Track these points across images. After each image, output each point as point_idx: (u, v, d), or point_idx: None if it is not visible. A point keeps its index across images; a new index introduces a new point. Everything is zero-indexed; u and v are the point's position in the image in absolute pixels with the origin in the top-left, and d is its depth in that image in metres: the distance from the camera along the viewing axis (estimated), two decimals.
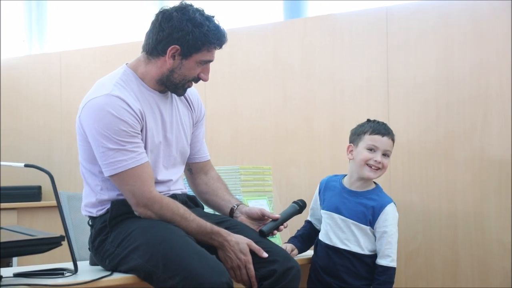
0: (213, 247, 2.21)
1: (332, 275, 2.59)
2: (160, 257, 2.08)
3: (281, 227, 2.42)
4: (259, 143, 3.78)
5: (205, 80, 2.30)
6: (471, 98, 3.21)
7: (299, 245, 2.67)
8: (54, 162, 4.49)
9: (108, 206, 2.25)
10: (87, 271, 2.21)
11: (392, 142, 2.63)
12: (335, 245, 2.59)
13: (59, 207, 2.09)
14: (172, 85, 2.29)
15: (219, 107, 3.90)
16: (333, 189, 2.68)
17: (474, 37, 3.22)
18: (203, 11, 2.26)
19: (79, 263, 2.13)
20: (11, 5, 4.91)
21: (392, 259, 2.57)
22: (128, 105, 2.19)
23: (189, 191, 2.52)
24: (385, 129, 2.64)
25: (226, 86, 3.90)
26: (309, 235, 2.73)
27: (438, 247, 3.25)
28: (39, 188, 4.46)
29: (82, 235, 2.65)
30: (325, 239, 2.62)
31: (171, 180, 2.35)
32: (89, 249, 2.33)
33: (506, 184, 3.12)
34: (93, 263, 2.32)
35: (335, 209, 2.62)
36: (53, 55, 4.62)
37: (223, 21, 2.31)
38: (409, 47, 3.37)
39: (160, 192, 2.25)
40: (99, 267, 2.28)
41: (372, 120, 2.71)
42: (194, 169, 2.52)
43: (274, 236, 2.47)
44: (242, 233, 2.25)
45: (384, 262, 2.57)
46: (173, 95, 2.36)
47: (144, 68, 2.29)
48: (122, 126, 2.16)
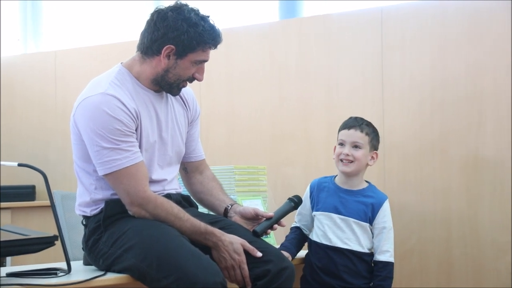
0: (207, 247, 2.21)
1: (332, 275, 2.58)
2: (154, 257, 2.07)
3: (275, 226, 2.41)
4: (255, 143, 3.78)
5: (199, 80, 2.30)
6: (466, 98, 3.21)
7: (294, 250, 2.64)
8: (49, 161, 4.48)
9: (102, 205, 2.25)
10: (80, 271, 2.20)
11: (362, 133, 2.62)
12: (335, 245, 2.59)
13: (52, 206, 2.08)
14: (166, 85, 2.29)
15: (215, 107, 3.90)
16: (326, 190, 2.67)
17: (469, 37, 3.22)
18: (198, 11, 2.26)
19: (72, 263, 2.13)
20: (6, 4, 4.89)
21: (391, 254, 2.60)
22: (123, 104, 2.19)
23: (183, 190, 2.52)
24: (353, 122, 2.66)
25: (221, 85, 3.90)
26: (299, 240, 2.70)
27: (433, 247, 3.26)
28: (33, 187, 4.45)
29: (76, 235, 2.64)
30: (323, 240, 2.61)
31: (165, 180, 2.35)
32: (82, 248, 2.32)
33: (501, 184, 3.12)
34: (86, 263, 2.32)
35: (333, 209, 2.61)
36: (48, 54, 4.61)
37: (218, 21, 2.31)
38: (404, 47, 3.37)
39: (155, 192, 2.25)
40: (93, 267, 2.27)
41: (350, 117, 2.73)
42: (189, 169, 2.52)
43: (268, 235, 2.46)
44: (236, 233, 2.25)
45: (383, 257, 2.59)
46: (168, 94, 2.36)
47: (139, 68, 2.28)
48: (116, 125, 2.16)
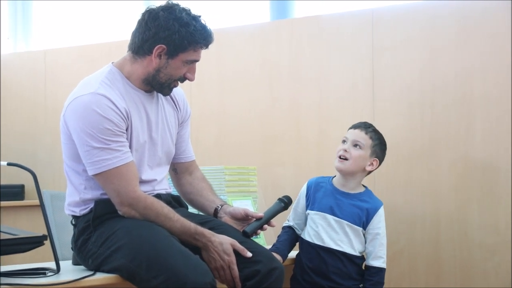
0: (197, 247, 2.21)
1: (323, 276, 2.59)
2: (143, 257, 2.07)
3: (265, 226, 2.41)
4: (245, 143, 3.78)
5: (191, 80, 2.30)
6: (456, 101, 3.23)
7: (285, 252, 2.63)
8: (38, 160, 4.46)
9: (92, 205, 2.24)
10: (69, 270, 2.19)
11: (367, 135, 2.63)
12: (328, 246, 2.59)
13: (42, 206, 2.07)
14: (158, 85, 2.28)
15: (206, 107, 3.89)
16: (323, 190, 2.67)
17: (459, 40, 3.24)
18: (189, 10, 2.25)
19: (61, 262, 2.12)
20: None
21: (384, 260, 2.62)
22: (114, 103, 2.18)
23: (173, 191, 2.51)
24: (362, 124, 2.68)
25: (212, 86, 3.89)
26: (291, 242, 2.69)
27: (422, 249, 3.27)
28: (22, 187, 4.43)
29: (65, 235, 2.63)
30: (316, 240, 2.61)
31: (155, 180, 2.34)
32: (72, 248, 2.31)
33: (489, 187, 3.14)
34: (75, 263, 2.31)
35: (328, 210, 2.61)
36: (38, 53, 4.60)
37: (210, 21, 2.30)
38: (395, 49, 3.39)
39: (145, 192, 2.24)
40: (82, 267, 2.26)
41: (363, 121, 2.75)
42: (179, 169, 2.51)
43: (258, 236, 2.46)
44: (226, 234, 2.25)
45: (377, 263, 2.60)
46: (159, 94, 2.35)
47: (130, 67, 2.28)
48: (107, 124, 2.15)
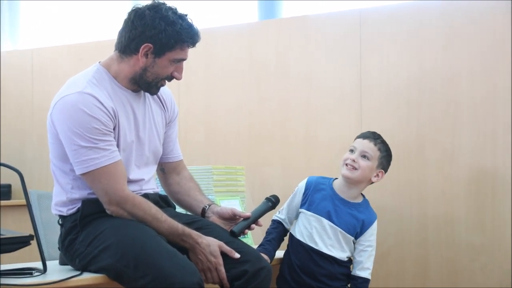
0: (184, 248, 2.20)
1: (311, 276, 2.59)
2: (131, 256, 2.06)
3: (253, 225, 2.41)
4: (233, 143, 3.78)
5: (178, 78, 2.29)
6: (443, 102, 3.25)
7: (272, 253, 2.62)
8: (25, 160, 4.44)
9: (79, 205, 2.23)
10: (56, 270, 2.18)
11: (375, 146, 2.62)
12: (320, 250, 2.59)
13: (28, 206, 2.06)
14: (145, 84, 2.28)
15: (193, 107, 3.89)
16: (323, 192, 2.65)
17: (446, 41, 3.25)
18: (176, 9, 2.25)
19: (48, 262, 2.11)
20: None
21: (370, 272, 2.64)
22: (101, 103, 2.17)
23: (161, 190, 2.51)
24: (371, 134, 2.67)
25: (200, 85, 3.89)
26: (279, 240, 2.69)
27: (409, 249, 3.28)
28: (9, 186, 4.41)
29: (52, 234, 2.62)
30: (309, 241, 2.60)
31: (143, 180, 2.34)
32: (58, 248, 2.30)
33: (476, 187, 3.16)
34: (62, 263, 2.30)
35: (325, 214, 2.61)
36: (25, 52, 4.57)
37: (197, 21, 2.30)
38: (382, 49, 3.40)
39: (132, 192, 2.24)
40: (69, 267, 2.25)
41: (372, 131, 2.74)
42: (166, 169, 2.51)
43: (245, 235, 2.46)
44: (213, 233, 2.25)
45: (364, 274, 2.62)
46: (146, 94, 2.35)
47: (117, 67, 2.27)
48: (94, 124, 2.15)
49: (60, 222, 2.30)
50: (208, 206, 2.44)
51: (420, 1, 3.34)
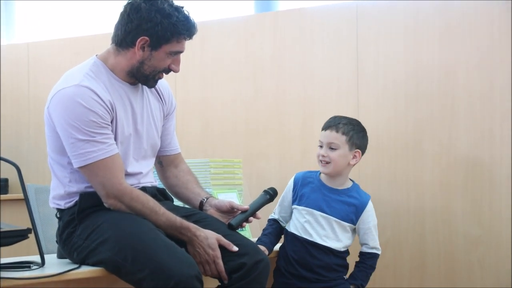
0: (182, 240, 2.20)
1: (307, 268, 2.59)
2: (129, 250, 2.07)
3: (251, 218, 2.42)
4: (229, 136, 3.78)
5: (175, 71, 2.29)
6: (439, 94, 3.25)
7: (270, 246, 2.63)
8: (22, 154, 4.43)
9: (77, 198, 2.23)
10: (54, 264, 2.19)
11: (338, 133, 2.58)
12: (315, 241, 2.59)
13: (26, 199, 2.06)
14: (142, 77, 2.27)
15: (190, 100, 3.89)
16: (311, 185, 2.66)
17: (443, 33, 3.25)
18: (172, 2, 2.24)
19: (46, 256, 2.11)
20: None
21: (378, 249, 2.68)
22: (98, 96, 2.17)
23: (159, 184, 2.51)
24: (329, 123, 2.63)
25: (197, 79, 3.89)
26: (276, 235, 2.70)
27: (406, 241, 3.29)
28: (6, 180, 4.41)
29: (49, 228, 2.62)
30: (304, 234, 2.61)
31: (141, 173, 2.34)
32: (56, 241, 2.30)
33: (473, 178, 3.16)
34: (60, 256, 2.30)
35: (316, 206, 2.61)
36: (20, 45, 4.56)
37: (194, 13, 2.29)
38: (379, 41, 3.39)
39: (130, 185, 2.24)
40: (67, 260, 2.25)
41: (332, 116, 2.71)
42: (164, 162, 2.51)
43: (243, 228, 2.47)
44: (211, 226, 2.25)
45: (372, 251, 2.67)
46: (144, 87, 2.34)
47: (114, 60, 2.27)
48: (92, 117, 2.14)
49: (58, 216, 2.30)
50: (206, 199, 2.44)
51: None
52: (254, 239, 2.63)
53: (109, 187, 2.17)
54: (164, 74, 2.30)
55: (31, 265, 2.03)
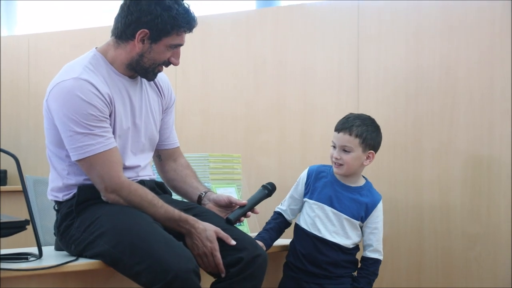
0: (180, 234, 2.20)
1: (315, 264, 2.59)
2: (127, 243, 2.06)
3: (249, 213, 2.41)
4: (229, 131, 3.78)
5: (175, 64, 2.28)
6: (439, 90, 3.25)
7: (269, 242, 2.61)
8: (21, 145, 4.43)
9: (75, 191, 2.23)
10: (52, 256, 2.18)
11: (351, 136, 2.55)
12: (324, 237, 2.58)
13: (24, 191, 2.06)
14: (142, 70, 2.27)
15: (190, 95, 3.88)
16: (324, 180, 2.64)
17: (444, 30, 3.25)
18: None
19: (44, 248, 2.11)
20: None
21: (381, 253, 2.64)
22: (97, 89, 2.17)
23: (157, 177, 2.51)
24: (342, 124, 2.59)
25: (197, 73, 3.88)
26: (278, 231, 2.67)
27: (404, 238, 3.29)
28: (5, 172, 4.41)
29: (47, 220, 2.62)
30: (312, 229, 2.60)
31: (139, 166, 2.33)
32: (54, 234, 2.30)
33: (472, 176, 3.17)
34: (58, 248, 2.30)
35: (327, 201, 2.60)
36: (21, 37, 4.56)
37: (194, 8, 2.29)
38: (380, 38, 3.39)
39: (128, 178, 2.23)
40: (65, 252, 2.25)
41: (348, 114, 2.66)
42: (163, 156, 2.50)
43: (241, 223, 2.46)
44: (209, 221, 2.25)
45: (375, 255, 2.63)
46: (143, 81, 2.34)
47: (114, 53, 2.26)
48: (90, 110, 2.14)
49: (56, 208, 2.30)
50: (204, 193, 2.44)
51: None
52: (252, 234, 2.62)
53: (107, 180, 2.17)
54: (163, 67, 2.30)
55: (28, 256, 2.03)
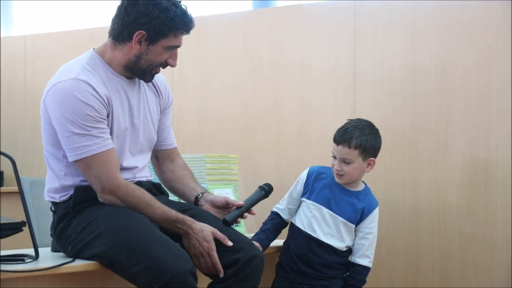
0: (177, 235, 2.20)
1: (308, 264, 2.59)
2: (123, 244, 2.06)
3: (246, 214, 2.41)
4: (226, 131, 3.78)
5: (172, 65, 2.28)
6: (436, 91, 3.25)
7: (266, 243, 2.61)
8: (17, 146, 4.43)
9: (72, 192, 2.23)
10: (48, 257, 2.18)
11: (350, 148, 2.53)
12: (318, 238, 2.59)
13: (20, 192, 2.05)
14: (139, 71, 2.27)
15: (187, 95, 3.88)
16: (323, 181, 2.64)
17: (440, 29, 3.25)
18: None
19: (40, 249, 2.11)
20: None
21: (370, 260, 2.62)
22: (95, 89, 2.17)
23: (154, 178, 2.50)
24: (341, 137, 2.57)
25: (194, 74, 3.88)
26: (275, 232, 2.67)
27: (401, 238, 3.30)
28: (1, 173, 4.40)
29: (44, 221, 2.61)
30: (308, 229, 2.60)
31: (136, 167, 2.33)
32: (51, 235, 2.30)
33: (468, 177, 3.17)
34: (55, 250, 2.30)
35: (325, 202, 2.60)
36: (17, 38, 4.55)
37: (191, 8, 2.29)
38: (376, 38, 3.40)
39: (126, 179, 2.23)
40: (61, 254, 2.25)
41: (346, 122, 2.63)
42: (160, 157, 2.50)
43: (238, 224, 2.46)
44: (206, 221, 2.25)
45: (363, 262, 2.61)
46: (141, 81, 2.34)
47: (111, 54, 2.26)
48: (87, 110, 2.14)
49: (53, 209, 2.29)
50: (201, 194, 2.44)
51: None
52: (249, 235, 2.62)
53: (104, 181, 2.16)
54: (161, 68, 2.30)
55: (25, 258, 2.02)
